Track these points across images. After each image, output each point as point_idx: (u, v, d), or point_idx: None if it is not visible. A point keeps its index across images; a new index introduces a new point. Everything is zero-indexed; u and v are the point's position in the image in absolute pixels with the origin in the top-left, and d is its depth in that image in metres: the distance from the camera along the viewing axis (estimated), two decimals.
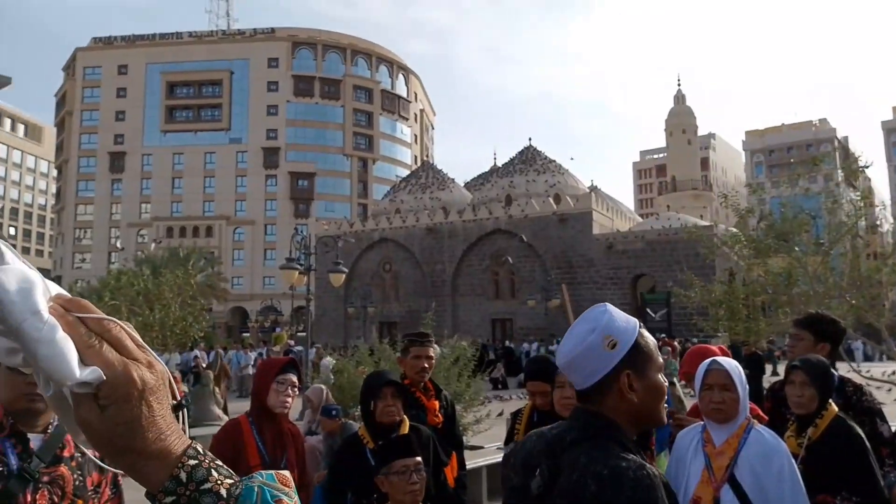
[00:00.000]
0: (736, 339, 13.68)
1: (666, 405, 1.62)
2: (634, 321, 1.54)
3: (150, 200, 71.88)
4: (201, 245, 62.21)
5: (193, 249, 51.94)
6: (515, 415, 3.92)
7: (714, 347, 3.96)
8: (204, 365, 22.16)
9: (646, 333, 1.54)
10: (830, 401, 2.96)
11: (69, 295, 0.63)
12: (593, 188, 46.63)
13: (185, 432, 0.65)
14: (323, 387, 9.23)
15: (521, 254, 39.89)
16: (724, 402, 2.54)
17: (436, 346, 4.80)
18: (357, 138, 74.81)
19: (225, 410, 15.72)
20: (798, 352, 3.58)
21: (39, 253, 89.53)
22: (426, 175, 50.89)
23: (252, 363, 25.44)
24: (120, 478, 2.13)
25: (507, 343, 33.01)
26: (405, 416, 3.35)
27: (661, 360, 1.55)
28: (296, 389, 3.16)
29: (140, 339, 0.64)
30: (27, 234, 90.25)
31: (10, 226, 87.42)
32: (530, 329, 36.64)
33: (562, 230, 38.66)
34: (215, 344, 28.76)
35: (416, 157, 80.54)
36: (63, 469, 1.94)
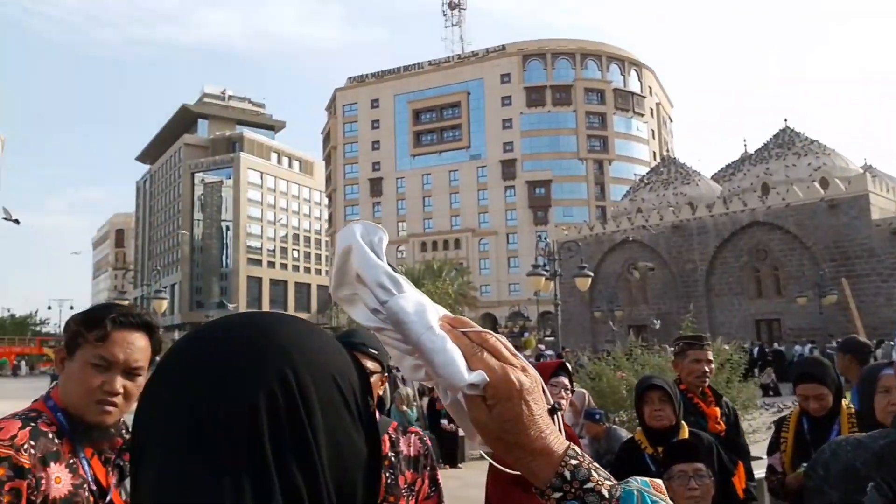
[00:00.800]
0: None
1: None
2: None
3: (405, 219, 78.53)
4: (451, 257, 66.48)
5: (445, 262, 55.51)
6: (780, 422, 3.62)
7: None
8: None
9: None
10: None
11: (452, 315, 0.72)
12: (867, 168, 40.79)
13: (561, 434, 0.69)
14: (584, 391, 9.28)
15: (785, 247, 36.18)
16: None
17: None
18: (591, 141, 74.19)
19: None
20: None
21: (318, 272, 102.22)
22: (667, 170, 48.68)
23: None
24: (438, 474, 2.24)
25: (775, 345, 30.10)
26: (683, 422, 3.24)
27: None
28: (568, 392, 3.23)
29: (513, 348, 0.70)
30: (307, 255, 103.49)
31: (294, 249, 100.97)
32: (802, 329, 32.98)
33: (832, 217, 34.35)
34: None
35: (654, 153, 77.52)
36: None
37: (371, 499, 0.61)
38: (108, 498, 1.52)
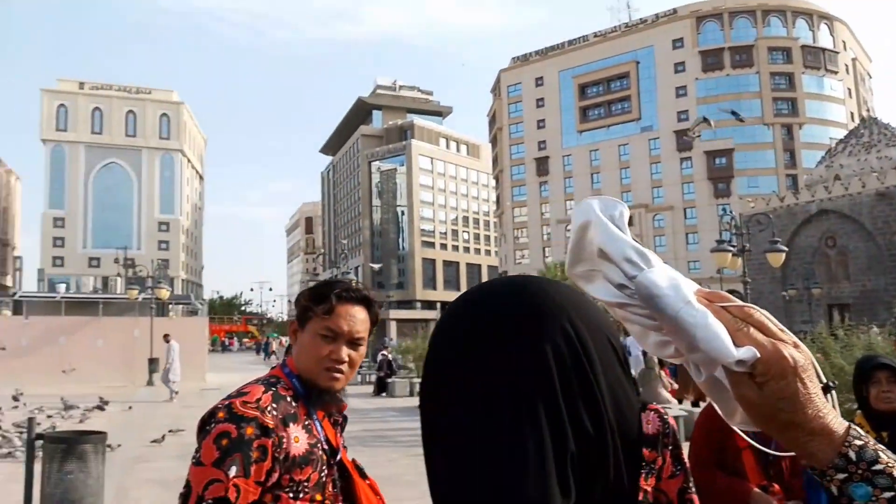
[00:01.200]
0: None
1: None
2: None
3: (573, 198, 77.56)
4: None
5: None
6: None
7: None
8: None
9: None
10: None
11: (706, 289, 0.68)
12: None
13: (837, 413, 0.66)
14: None
15: None
16: None
17: None
18: (777, 104, 68.53)
19: None
20: None
21: (487, 253, 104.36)
22: (868, 132, 44.02)
23: None
24: (684, 455, 2.45)
25: None
26: None
27: None
28: None
29: (779, 323, 0.66)
30: (476, 237, 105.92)
31: (464, 231, 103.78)
32: None
33: None
34: None
35: (852, 113, 69.96)
36: None
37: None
38: (338, 457, 1.67)
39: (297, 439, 1.56)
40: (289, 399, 1.61)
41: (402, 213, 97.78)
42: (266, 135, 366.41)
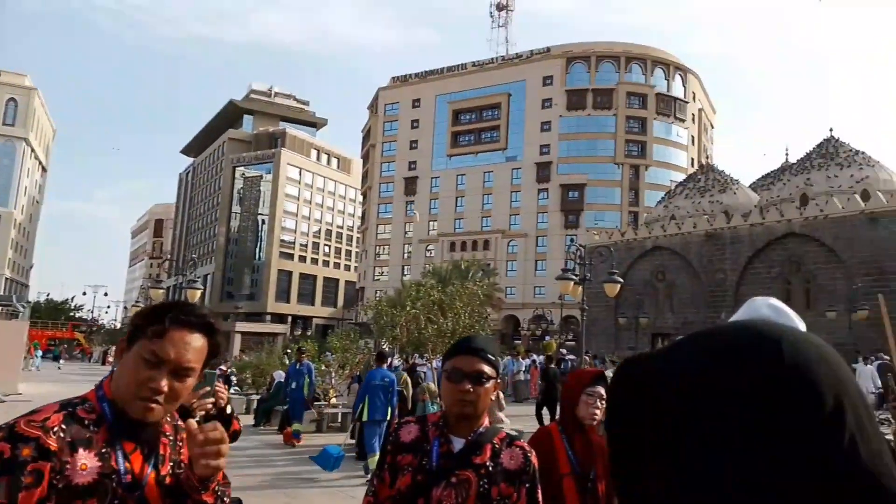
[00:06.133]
0: None
1: None
2: None
3: (436, 219, 78.57)
4: (479, 258, 66.27)
5: (473, 262, 55.42)
6: None
7: None
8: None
9: None
10: None
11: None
12: None
13: None
14: None
15: (820, 259, 35.16)
16: None
17: None
18: (629, 145, 73.21)
19: None
20: None
21: (347, 268, 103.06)
22: (705, 177, 47.73)
23: (524, 370, 26.18)
24: (538, 492, 2.20)
25: None
26: None
27: None
28: (604, 402, 3.15)
29: None
30: (338, 251, 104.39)
31: (325, 244, 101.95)
32: (829, 344, 31.97)
33: (872, 231, 33.24)
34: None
35: (692, 159, 76.10)
36: (470, 474, 2.07)
37: None
38: (137, 491, 1.47)
39: (85, 467, 1.39)
40: (87, 423, 1.45)
41: (263, 221, 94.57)
42: (128, 131, 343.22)
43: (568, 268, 18.44)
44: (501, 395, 16.22)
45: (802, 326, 1.06)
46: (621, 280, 21.04)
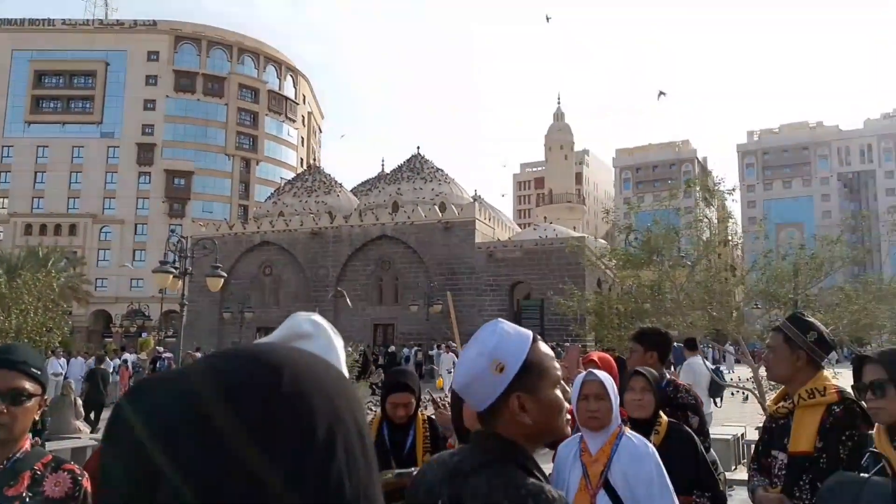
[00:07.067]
0: (606, 347, 14.35)
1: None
2: (528, 335, 1.49)
3: (7, 195, 66.37)
4: (63, 244, 58.05)
5: (54, 249, 48.25)
6: None
7: (594, 355, 4.04)
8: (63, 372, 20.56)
9: (541, 347, 1.49)
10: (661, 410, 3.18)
11: None
12: (476, 198, 47.60)
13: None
14: None
15: (406, 260, 39.99)
16: (598, 411, 2.61)
17: None
18: (240, 138, 72.48)
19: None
20: (633, 362, 3.89)
21: None
22: (312, 178, 50.04)
23: (114, 370, 23.78)
24: None
25: (389, 349, 32.94)
26: None
27: (557, 372, 1.50)
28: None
29: None
30: None
31: None
32: (411, 334, 36.79)
33: (446, 238, 39.15)
34: (74, 350, 26.80)
35: (301, 159, 79.12)
36: None
37: None
38: None
39: None
40: None
41: None
42: None
43: (168, 260, 17.46)
44: (80, 400, 14.59)
45: (339, 341, 1.22)
46: (224, 274, 20.79)
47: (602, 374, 2.73)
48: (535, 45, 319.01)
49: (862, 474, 2.27)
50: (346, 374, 1.28)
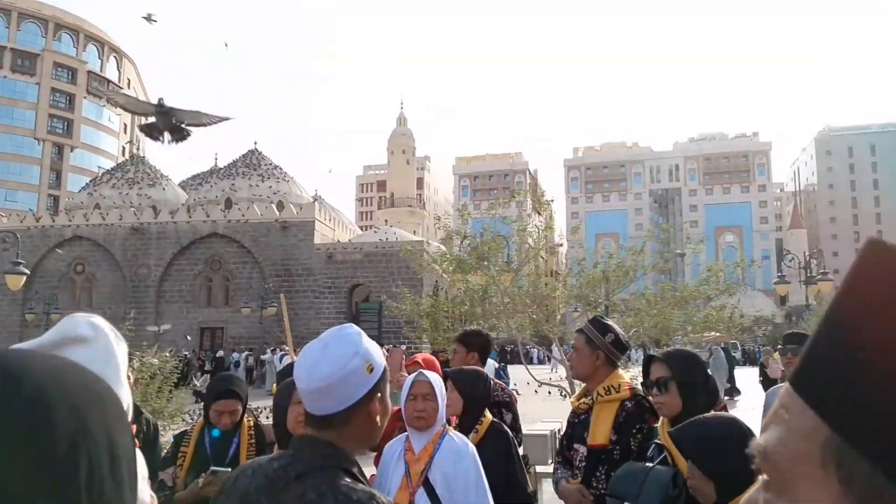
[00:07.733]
0: (436, 348, 14.71)
1: None
2: (373, 343, 1.54)
3: None
4: None
5: None
6: (180, 436, 3.50)
7: (419, 357, 4.18)
8: None
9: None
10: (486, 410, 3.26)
11: None
12: (317, 198, 46.81)
13: None
14: None
15: (239, 260, 38.41)
16: (425, 411, 2.67)
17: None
18: (53, 121, 65.80)
19: None
20: (456, 362, 4.08)
21: None
22: (135, 169, 46.43)
23: None
24: None
25: (217, 354, 31.40)
26: None
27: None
28: None
29: None
30: None
31: None
32: (243, 338, 35.33)
33: (283, 238, 38.10)
34: None
35: (123, 148, 73.24)
36: None
37: None
38: None
39: None
40: None
41: None
42: None
43: None
44: None
45: (123, 347, 1.19)
46: (27, 271, 18.77)
47: (432, 375, 2.79)
48: (381, 44, 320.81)
49: (647, 464, 2.57)
50: (126, 384, 1.21)
